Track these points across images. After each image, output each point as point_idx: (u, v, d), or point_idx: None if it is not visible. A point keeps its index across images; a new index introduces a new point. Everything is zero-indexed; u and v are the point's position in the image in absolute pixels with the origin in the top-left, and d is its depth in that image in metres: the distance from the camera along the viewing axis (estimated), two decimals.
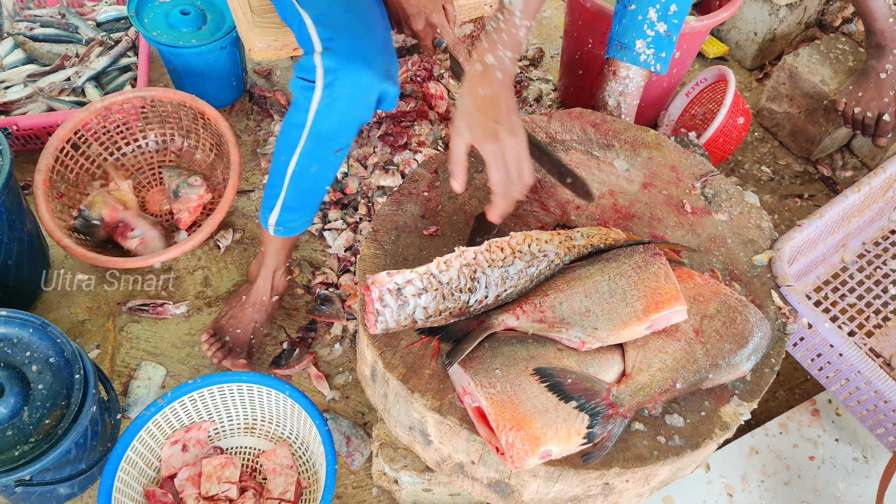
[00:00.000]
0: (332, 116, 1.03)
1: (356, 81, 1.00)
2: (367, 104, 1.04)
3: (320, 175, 1.14)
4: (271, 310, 1.37)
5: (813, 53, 1.79)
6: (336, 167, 1.15)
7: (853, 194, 1.20)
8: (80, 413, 1.06)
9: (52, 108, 1.62)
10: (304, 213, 1.21)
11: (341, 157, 1.12)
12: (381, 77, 1.01)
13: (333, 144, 1.08)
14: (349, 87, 1.00)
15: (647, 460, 0.88)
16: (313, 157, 1.09)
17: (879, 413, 1.07)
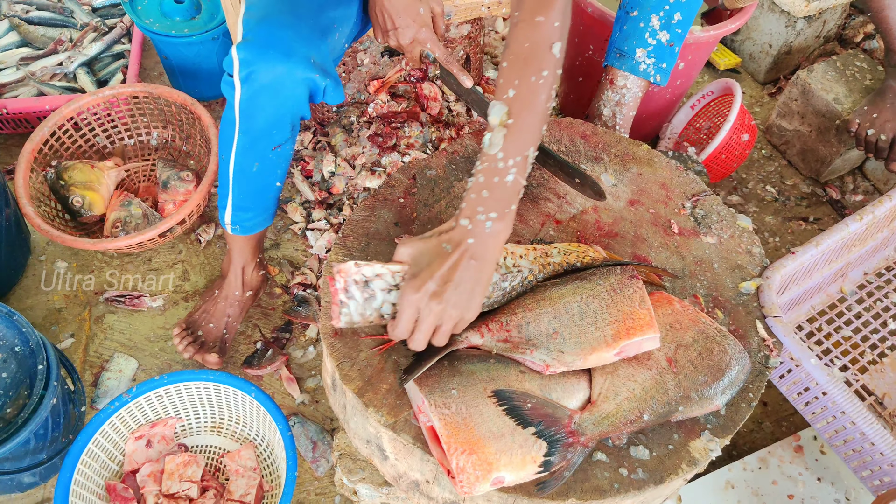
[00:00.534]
0: (257, 112, 0.98)
1: (273, 73, 0.93)
2: (293, 98, 0.97)
3: (263, 174, 1.09)
4: (244, 305, 1.34)
5: (828, 70, 1.72)
6: (280, 165, 1.10)
7: (854, 223, 1.14)
8: (40, 404, 1.04)
9: (43, 92, 1.61)
10: (257, 211, 1.17)
11: (283, 153, 1.08)
12: (303, 68, 0.95)
13: (268, 142, 1.04)
14: (267, 80, 0.94)
15: (606, 493, 0.83)
16: (250, 156, 1.05)
17: (865, 455, 1.02)
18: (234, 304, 1.32)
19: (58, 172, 1.45)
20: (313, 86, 0.99)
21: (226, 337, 1.32)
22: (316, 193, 1.59)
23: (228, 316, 1.32)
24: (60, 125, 1.49)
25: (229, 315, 1.32)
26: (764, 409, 1.37)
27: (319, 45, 0.99)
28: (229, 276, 1.31)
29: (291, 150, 1.10)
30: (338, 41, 1.07)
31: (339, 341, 0.92)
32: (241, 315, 1.34)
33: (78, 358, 1.35)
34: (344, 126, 1.66)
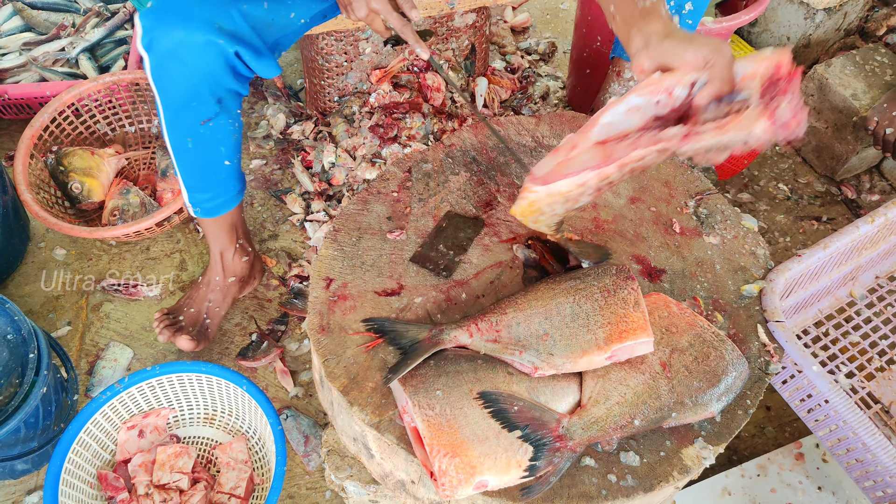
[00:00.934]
0: (167, 81, 0.96)
1: (171, 39, 0.91)
2: (202, 66, 0.94)
3: (202, 150, 1.07)
4: (227, 291, 1.32)
5: (847, 64, 1.66)
6: (222, 141, 1.07)
7: (865, 225, 1.10)
8: (30, 392, 1.04)
9: (45, 78, 1.60)
10: (214, 192, 1.15)
11: (219, 129, 1.04)
12: (203, 32, 0.92)
13: (191, 114, 1.01)
14: (166, 46, 0.92)
15: (593, 499, 0.81)
16: (179, 130, 1.03)
17: (868, 465, 0.98)
18: (216, 290, 1.30)
19: (58, 158, 1.44)
20: (224, 53, 0.95)
21: (207, 322, 1.30)
22: (316, 184, 1.58)
23: (210, 301, 1.30)
24: (61, 111, 1.49)
25: (210, 300, 1.30)
26: (767, 414, 1.34)
27: (229, 9, 0.95)
28: (210, 261, 1.30)
29: (231, 127, 1.06)
30: (276, 12, 1.02)
31: (325, 337, 0.90)
32: (224, 301, 1.32)
33: (74, 346, 1.35)
34: (345, 116, 1.64)
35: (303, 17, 1.08)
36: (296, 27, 1.08)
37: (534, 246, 1.02)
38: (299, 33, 1.11)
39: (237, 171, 1.17)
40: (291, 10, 1.05)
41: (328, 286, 0.95)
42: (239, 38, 0.96)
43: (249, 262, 1.33)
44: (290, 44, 1.11)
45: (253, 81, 1.80)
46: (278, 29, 1.04)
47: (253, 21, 0.99)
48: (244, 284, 1.37)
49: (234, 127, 1.08)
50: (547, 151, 1.16)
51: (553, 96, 1.85)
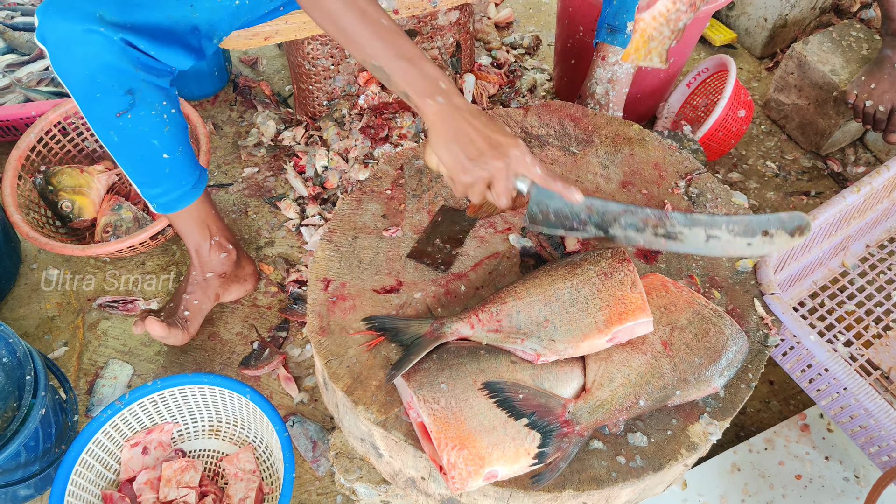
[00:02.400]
0: (67, 74, 0.98)
1: (57, 31, 0.94)
2: (94, 55, 0.95)
3: (129, 144, 1.06)
4: (207, 286, 1.31)
5: (824, 41, 1.68)
6: (146, 133, 1.06)
7: (851, 195, 1.11)
8: (29, 415, 1.03)
9: (30, 98, 1.59)
10: (163, 186, 1.14)
11: (140, 122, 1.03)
12: (84, 21, 0.93)
13: (102, 107, 1.01)
14: (55, 38, 0.94)
15: (604, 482, 0.81)
16: (99, 124, 1.04)
17: (872, 431, 0.99)
18: (194, 285, 1.30)
19: (46, 178, 1.44)
20: (111, 42, 0.95)
21: (185, 315, 1.30)
22: (309, 189, 1.57)
23: (188, 294, 1.30)
24: (47, 131, 1.48)
25: (189, 293, 1.30)
26: (771, 388, 1.35)
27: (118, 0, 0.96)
28: (189, 258, 1.30)
29: (157, 119, 1.05)
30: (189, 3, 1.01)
31: (326, 339, 0.90)
32: (205, 297, 1.32)
33: (72, 366, 1.34)
34: (335, 119, 1.64)
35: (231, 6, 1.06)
36: (230, 10, 1.06)
37: (529, 234, 1.02)
38: (239, 17, 1.09)
39: (187, 166, 1.15)
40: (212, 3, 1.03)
41: (326, 287, 0.95)
42: (128, 27, 0.96)
43: (230, 259, 1.32)
44: (229, 28, 1.09)
45: (240, 90, 1.80)
46: (205, 13, 1.03)
47: (159, 8, 0.99)
48: (228, 283, 1.35)
49: (161, 119, 1.06)
50: (536, 141, 1.16)
51: (540, 88, 1.86)
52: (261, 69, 1.90)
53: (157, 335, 1.25)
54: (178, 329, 1.28)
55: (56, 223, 1.47)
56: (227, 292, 1.37)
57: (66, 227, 1.47)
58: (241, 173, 1.65)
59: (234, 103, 1.80)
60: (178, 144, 1.12)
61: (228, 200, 1.61)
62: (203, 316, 1.33)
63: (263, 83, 1.82)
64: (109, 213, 1.45)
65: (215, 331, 1.40)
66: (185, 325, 1.29)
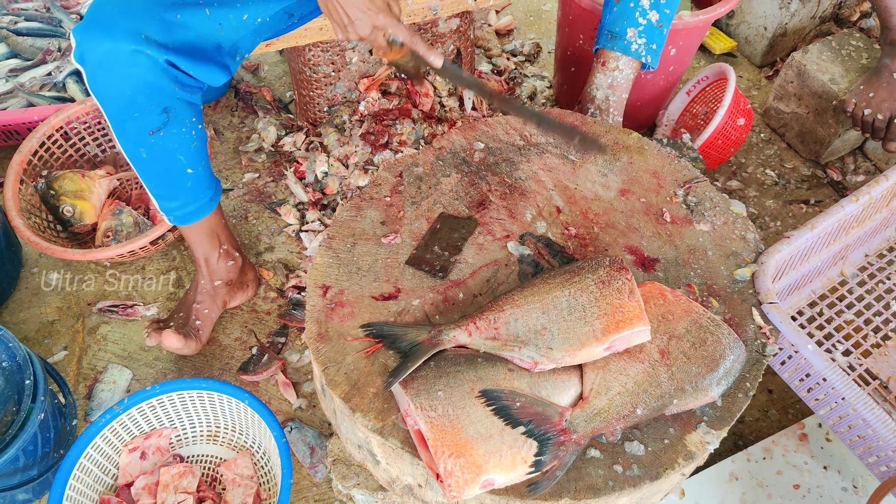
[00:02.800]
0: (104, 93, 0.99)
1: (98, 51, 0.94)
2: (135, 75, 0.96)
3: (157, 160, 1.08)
4: (215, 294, 1.33)
5: (823, 50, 1.69)
6: (174, 150, 1.07)
7: (850, 204, 1.11)
8: (28, 419, 1.04)
9: (32, 103, 1.60)
10: (183, 200, 1.16)
11: (171, 139, 1.05)
12: (129, 42, 0.93)
13: (137, 125, 1.02)
14: (95, 58, 0.95)
15: (600, 491, 0.81)
16: (130, 142, 1.05)
17: (870, 441, 0.99)
18: (203, 294, 1.31)
19: (48, 182, 1.44)
20: (155, 63, 0.96)
21: (197, 324, 1.31)
22: (309, 194, 1.58)
23: (198, 304, 1.31)
24: (49, 135, 1.49)
25: (199, 303, 1.31)
26: (769, 397, 1.35)
27: (160, 18, 0.97)
28: (196, 267, 1.31)
29: (187, 136, 1.07)
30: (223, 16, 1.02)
31: (324, 345, 0.90)
32: (214, 305, 1.33)
33: (71, 370, 1.34)
34: (336, 125, 1.65)
35: (259, 17, 1.07)
36: (253, 28, 1.07)
37: (528, 242, 1.03)
38: (261, 34, 1.10)
39: (206, 179, 1.17)
40: (243, 11, 1.05)
41: (325, 294, 0.95)
42: (171, 47, 0.97)
43: (237, 266, 1.33)
44: (251, 46, 1.11)
45: (241, 95, 1.81)
46: (231, 32, 1.05)
47: (193, 28, 1.00)
48: (234, 290, 1.36)
49: (190, 136, 1.08)
50: (536, 149, 1.17)
51: (540, 96, 1.86)
52: (262, 75, 1.91)
53: (173, 348, 1.26)
54: (192, 340, 1.29)
55: (57, 228, 1.48)
56: (233, 299, 1.38)
57: (67, 231, 1.48)
58: (242, 178, 1.66)
59: (235, 109, 1.81)
60: (202, 159, 1.13)
61: (229, 205, 1.61)
62: (213, 323, 1.34)
63: (265, 89, 1.82)
64: (110, 218, 1.45)
65: (214, 336, 1.40)
66: (198, 334, 1.31)
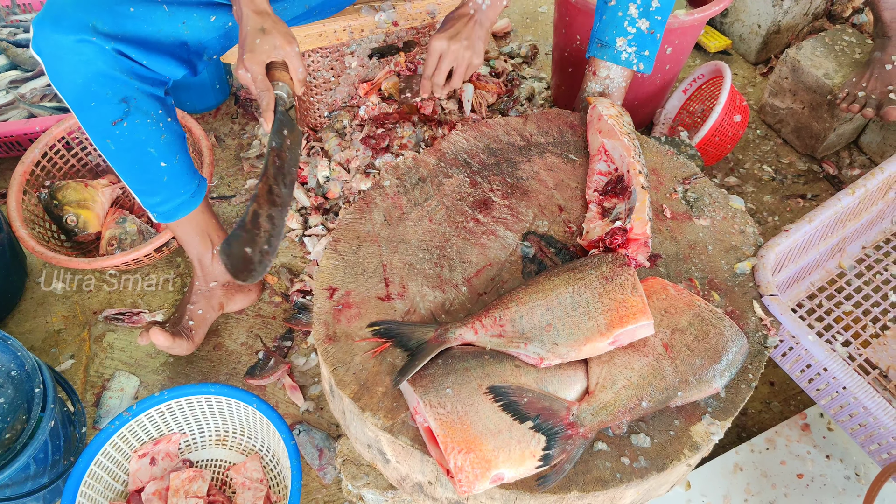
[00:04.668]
0: (61, 83, 1.01)
1: (50, 42, 0.97)
2: (84, 64, 0.98)
3: (126, 152, 1.08)
4: (210, 296, 1.33)
5: (817, 46, 1.71)
6: (142, 142, 1.08)
7: (846, 197, 1.13)
8: (38, 427, 1.04)
9: (33, 114, 1.61)
10: (162, 195, 1.16)
11: (136, 130, 1.06)
12: (76, 31, 0.96)
13: (97, 115, 1.03)
14: (49, 49, 0.97)
15: (608, 483, 0.83)
16: (95, 133, 1.06)
17: (871, 429, 1.01)
18: (198, 295, 1.32)
19: (51, 193, 1.45)
20: (103, 52, 0.98)
21: (190, 325, 1.31)
22: (312, 199, 1.59)
23: (192, 304, 1.32)
24: (51, 146, 1.50)
25: (193, 303, 1.32)
26: (771, 389, 1.36)
27: (109, 11, 0.99)
28: (192, 268, 1.32)
29: (153, 128, 1.08)
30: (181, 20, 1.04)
31: (332, 346, 0.92)
32: (209, 306, 1.33)
33: (79, 379, 1.35)
34: (336, 130, 1.66)
35: (229, 21, 1.09)
36: (222, 31, 1.09)
37: (531, 241, 1.04)
38: (232, 39, 1.12)
39: (184, 174, 1.17)
40: (210, 13, 1.07)
41: (331, 296, 0.97)
42: (120, 37, 0.99)
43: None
44: (222, 48, 1.12)
45: (241, 102, 1.82)
46: (197, 31, 1.07)
47: (151, 22, 1.02)
48: (232, 293, 1.37)
49: (157, 128, 1.09)
50: (536, 149, 1.18)
51: (539, 97, 1.88)
52: None
53: (161, 345, 1.26)
54: (182, 339, 1.29)
55: (61, 237, 1.49)
56: (231, 302, 1.38)
57: (71, 240, 1.49)
58: (244, 185, 1.67)
59: (235, 116, 1.82)
60: (176, 153, 1.14)
61: (231, 212, 1.62)
62: (207, 325, 1.34)
63: None
64: (114, 227, 1.46)
65: (220, 341, 1.41)
66: (190, 334, 1.31)
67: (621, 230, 0.98)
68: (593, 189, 1.10)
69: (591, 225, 1.04)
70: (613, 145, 1.10)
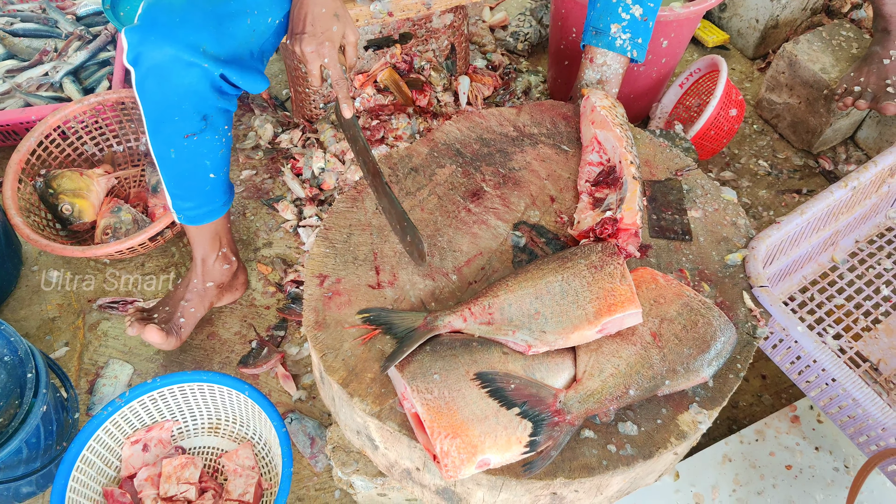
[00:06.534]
0: (150, 95, 1.01)
1: (155, 57, 0.96)
2: (185, 84, 0.99)
3: (185, 162, 1.10)
4: (205, 295, 1.34)
5: (814, 41, 1.71)
6: (206, 156, 1.10)
7: (839, 190, 1.13)
8: (30, 412, 1.05)
9: (30, 103, 1.62)
10: (198, 202, 1.18)
11: (203, 144, 1.08)
12: (188, 53, 0.96)
13: (172, 128, 1.04)
14: (151, 64, 0.97)
15: (594, 470, 0.83)
16: (162, 142, 1.07)
17: (860, 421, 1.01)
18: (193, 292, 1.33)
19: (46, 181, 1.46)
20: (209, 76, 0.99)
21: (181, 322, 1.32)
22: (307, 190, 1.60)
23: (186, 301, 1.32)
24: (47, 134, 1.50)
25: (187, 300, 1.32)
26: (763, 383, 1.36)
27: (215, 32, 0.99)
28: (192, 265, 1.32)
29: (218, 142, 1.10)
30: (257, 22, 1.05)
31: (322, 333, 0.92)
32: (201, 304, 1.34)
33: (73, 366, 1.36)
34: (332, 122, 1.66)
35: (277, 18, 1.10)
36: (273, 29, 1.10)
37: (522, 230, 1.04)
38: (279, 34, 1.13)
39: (224, 184, 1.20)
40: (268, 14, 1.08)
41: (322, 283, 0.97)
42: (224, 60, 1.00)
43: (231, 271, 1.35)
44: (273, 48, 1.13)
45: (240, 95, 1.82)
46: (259, 36, 1.08)
47: (236, 37, 1.03)
48: (223, 292, 1.38)
49: (220, 143, 1.11)
50: (529, 140, 1.19)
51: (535, 90, 1.88)
52: None
53: (153, 342, 1.27)
54: (173, 336, 1.30)
55: (56, 226, 1.49)
56: (220, 300, 1.40)
57: (66, 229, 1.49)
58: (240, 176, 1.68)
59: None
60: (225, 164, 1.16)
61: None
62: (196, 322, 1.36)
63: None
64: (109, 216, 1.47)
65: (214, 330, 1.41)
66: (179, 332, 1.31)
67: (612, 220, 0.98)
68: (585, 180, 1.10)
69: (582, 215, 1.04)
70: (606, 136, 1.10)
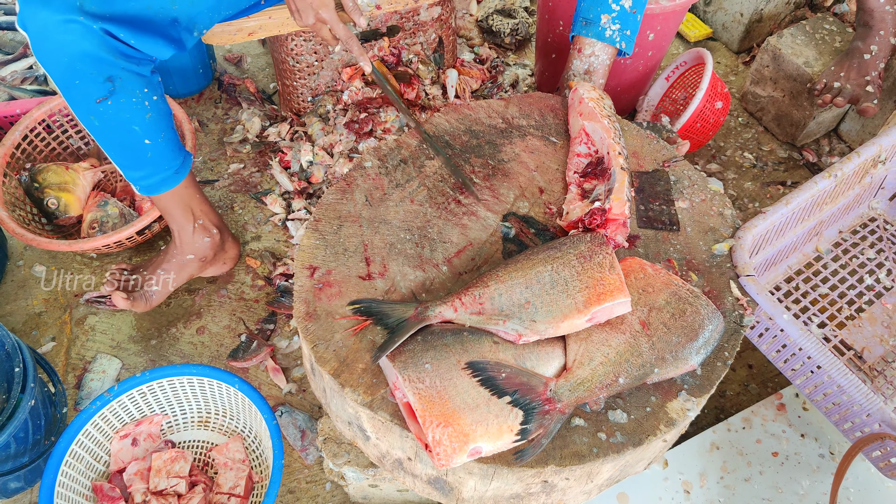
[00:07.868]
0: (47, 60, 1.01)
1: (37, 19, 0.97)
2: (72, 44, 0.98)
3: (110, 129, 1.09)
4: (183, 267, 1.35)
5: (798, 34, 1.73)
6: (126, 120, 1.09)
7: (823, 180, 1.14)
8: (18, 407, 1.04)
9: (14, 97, 1.59)
10: (145, 170, 1.17)
11: (121, 108, 1.06)
12: (64, 11, 0.96)
13: (81, 93, 1.04)
14: (35, 26, 0.97)
15: (585, 458, 0.84)
16: (80, 110, 1.06)
17: (844, 407, 1.03)
18: (171, 262, 1.34)
19: (32, 175, 1.44)
20: (90, 32, 0.98)
21: (154, 290, 1.33)
22: (295, 184, 1.59)
23: (163, 269, 1.33)
24: (32, 128, 1.48)
25: (164, 269, 1.33)
26: (750, 372, 1.38)
27: None
28: (172, 236, 1.32)
29: (139, 106, 1.08)
30: None
31: (312, 324, 0.92)
32: (179, 275, 1.35)
33: (60, 361, 1.34)
34: (320, 115, 1.65)
35: None
36: (210, 4, 1.09)
37: (512, 221, 1.05)
38: (219, 11, 1.12)
39: (170, 151, 1.18)
40: None
41: (312, 274, 0.97)
42: (108, 17, 0.99)
43: (213, 243, 1.35)
44: (209, 22, 1.13)
45: (224, 87, 1.81)
46: (186, 6, 1.06)
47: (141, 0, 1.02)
48: (206, 264, 1.38)
49: (143, 107, 1.09)
50: (517, 132, 1.19)
51: (522, 84, 1.88)
52: (245, 67, 1.91)
53: (120, 306, 1.29)
54: (140, 301, 1.31)
55: (42, 220, 1.47)
56: (203, 272, 1.40)
57: (52, 224, 1.47)
58: (227, 169, 1.67)
59: (219, 101, 1.81)
60: (161, 131, 1.14)
61: (215, 196, 1.61)
62: (170, 291, 1.36)
63: (248, 80, 1.83)
64: (95, 210, 1.45)
65: (203, 324, 1.41)
66: (150, 298, 1.33)
67: (600, 211, 0.99)
68: (574, 171, 1.11)
69: (571, 206, 1.05)
70: (594, 128, 1.11)
